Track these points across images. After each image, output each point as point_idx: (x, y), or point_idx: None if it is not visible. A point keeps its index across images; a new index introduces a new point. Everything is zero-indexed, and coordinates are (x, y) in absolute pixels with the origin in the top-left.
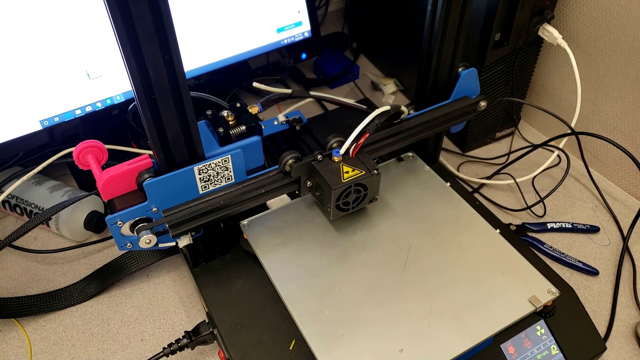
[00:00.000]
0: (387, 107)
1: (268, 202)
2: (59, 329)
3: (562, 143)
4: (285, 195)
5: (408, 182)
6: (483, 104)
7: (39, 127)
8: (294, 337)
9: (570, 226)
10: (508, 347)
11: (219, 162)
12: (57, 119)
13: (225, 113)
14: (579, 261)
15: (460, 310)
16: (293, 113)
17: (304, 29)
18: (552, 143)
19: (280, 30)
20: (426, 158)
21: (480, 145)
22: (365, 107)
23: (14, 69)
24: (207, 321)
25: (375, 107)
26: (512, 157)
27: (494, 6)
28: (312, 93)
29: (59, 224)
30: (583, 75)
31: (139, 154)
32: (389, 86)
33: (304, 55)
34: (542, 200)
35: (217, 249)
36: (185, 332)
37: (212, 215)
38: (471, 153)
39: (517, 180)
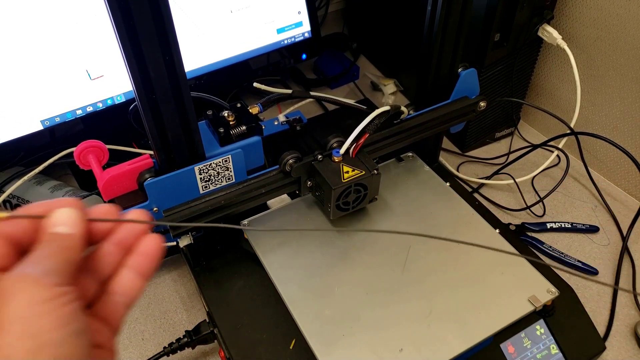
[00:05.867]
0: (387, 107)
1: (268, 202)
2: None
3: (561, 143)
4: (285, 195)
5: (408, 182)
6: (483, 104)
7: (40, 127)
8: (294, 336)
9: (569, 226)
10: (507, 347)
11: (220, 162)
12: (58, 119)
13: (225, 113)
14: (579, 261)
15: (460, 310)
16: (293, 113)
17: (304, 29)
18: (551, 143)
19: (280, 30)
20: (426, 158)
21: (480, 145)
22: (365, 107)
23: (15, 69)
24: (207, 320)
25: (375, 108)
26: (512, 157)
27: (494, 6)
28: (312, 93)
29: None
30: (583, 75)
31: (139, 154)
32: (389, 86)
33: (304, 56)
34: (541, 200)
35: (218, 249)
36: (185, 331)
37: (212, 215)
38: (471, 153)
39: (517, 180)
